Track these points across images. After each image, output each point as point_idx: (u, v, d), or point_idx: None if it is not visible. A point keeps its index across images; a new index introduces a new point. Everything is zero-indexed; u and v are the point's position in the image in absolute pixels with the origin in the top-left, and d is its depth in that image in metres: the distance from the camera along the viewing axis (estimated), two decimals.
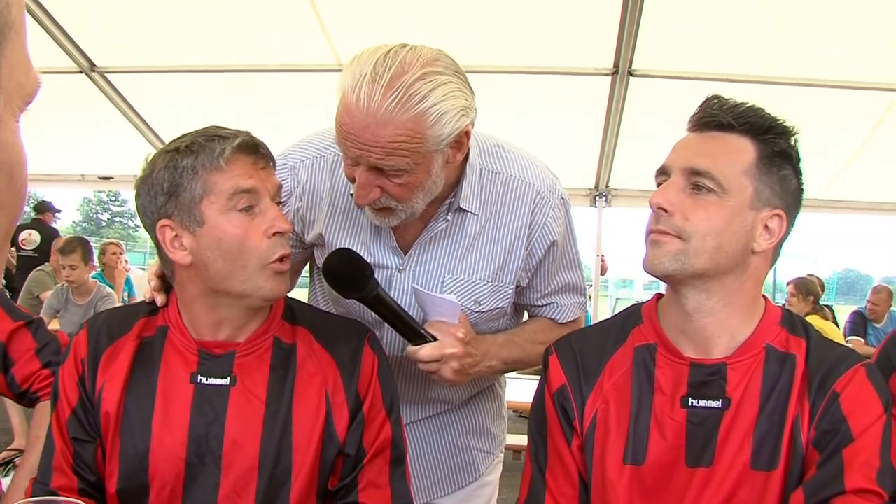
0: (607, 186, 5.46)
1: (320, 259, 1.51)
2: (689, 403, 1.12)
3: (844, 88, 4.20)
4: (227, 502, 1.18)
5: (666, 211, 1.11)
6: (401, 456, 1.28)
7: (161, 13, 4.15)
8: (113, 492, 1.19)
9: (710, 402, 1.11)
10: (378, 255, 1.39)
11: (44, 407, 1.45)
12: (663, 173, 1.15)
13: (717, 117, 1.12)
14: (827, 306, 6.53)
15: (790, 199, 1.13)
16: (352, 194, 1.34)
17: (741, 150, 1.11)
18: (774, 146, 1.11)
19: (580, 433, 1.19)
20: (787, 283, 5.89)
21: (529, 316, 1.58)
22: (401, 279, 1.40)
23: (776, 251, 1.16)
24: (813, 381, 1.08)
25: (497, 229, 1.40)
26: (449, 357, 1.30)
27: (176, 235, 1.17)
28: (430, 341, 1.30)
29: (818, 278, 6.85)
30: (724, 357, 1.12)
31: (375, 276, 1.29)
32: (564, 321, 1.53)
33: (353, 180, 1.24)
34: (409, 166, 1.19)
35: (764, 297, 1.18)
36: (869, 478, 0.99)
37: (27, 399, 1.49)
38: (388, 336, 1.42)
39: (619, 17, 3.81)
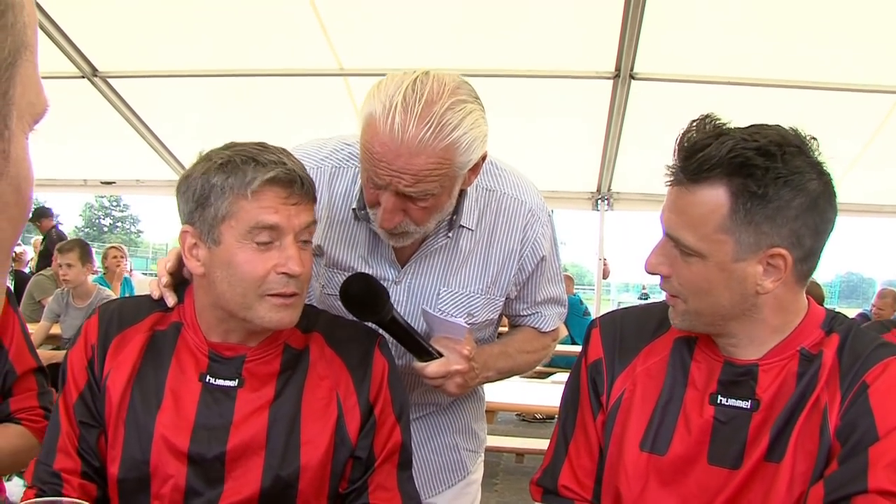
0: (609, 190, 5.47)
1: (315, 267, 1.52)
2: (718, 401, 1.11)
3: (847, 91, 4.20)
4: (231, 501, 1.18)
5: (661, 274, 1.11)
6: (408, 459, 1.30)
7: (163, 18, 4.17)
8: (115, 479, 1.20)
9: (740, 401, 1.10)
10: (375, 267, 1.42)
11: (23, 432, 1.44)
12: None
13: (683, 171, 1.04)
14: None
15: (797, 224, 1.02)
16: (353, 209, 1.38)
17: (713, 205, 1.02)
18: (750, 187, 1.00)
19: (605, 409, 1.19)
20: None
21: (512, 325, 1.63)
22: (397, 291, 1.43)
23: (803, 270, 1.07)
24: (845, 370, 1.06)
25: (491, 244, 1.44)
26: (454, 373, 1.34)
27: (195, 244, 1.17)
28: (437, 357, 1.33)
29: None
30: (757, 358, 1.11)
31: None
32: (547, 330, 1.59)
33: (374, 204, 1.26)
34: (436, 190, 1.21)
35: (808, 299, 1.14)
36: (893, 480, 0.96)
37: (5, 421, 1.49)
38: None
39: (620, 21, 3.81)
